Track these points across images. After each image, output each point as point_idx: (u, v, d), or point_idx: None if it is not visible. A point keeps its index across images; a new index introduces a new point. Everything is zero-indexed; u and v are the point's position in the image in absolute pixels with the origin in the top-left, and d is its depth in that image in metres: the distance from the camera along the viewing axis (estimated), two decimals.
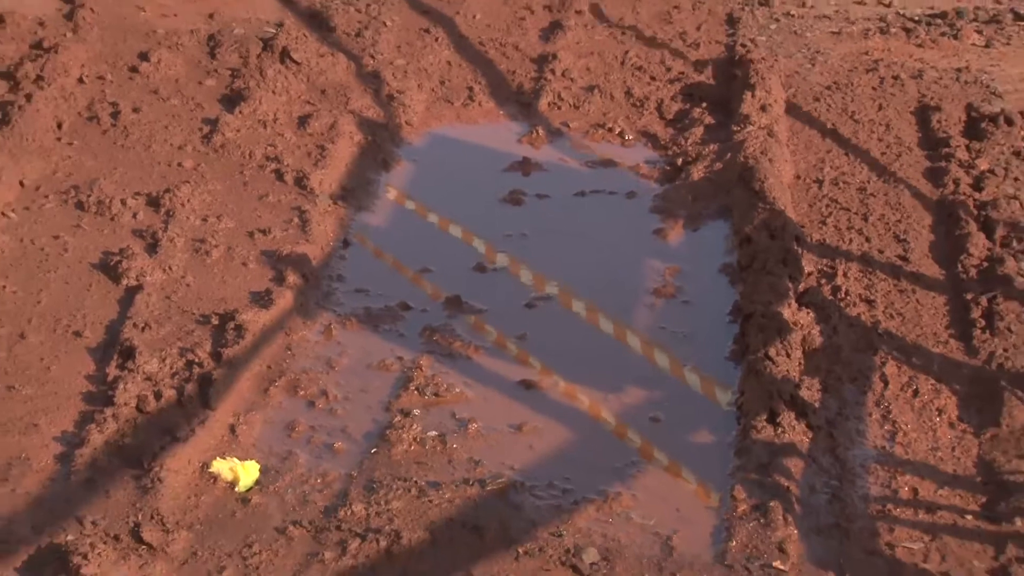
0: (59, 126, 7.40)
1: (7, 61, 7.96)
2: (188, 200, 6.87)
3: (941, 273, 6.75)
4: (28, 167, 6.98)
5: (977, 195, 7.25)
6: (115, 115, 7.53)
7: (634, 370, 6.22)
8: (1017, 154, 7.64)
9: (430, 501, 5.25)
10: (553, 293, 6.68)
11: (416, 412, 5.77)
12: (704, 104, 8.14)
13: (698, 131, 7.91)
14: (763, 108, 7.88)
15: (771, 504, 5.28)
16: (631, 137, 7.95)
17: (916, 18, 9.26)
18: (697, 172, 7.52)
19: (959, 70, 8.57)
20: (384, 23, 8.69)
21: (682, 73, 8.46)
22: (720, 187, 7.36)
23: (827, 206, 7.20)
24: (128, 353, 5.86)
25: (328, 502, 5.25)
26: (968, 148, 7.70)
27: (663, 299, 6.68)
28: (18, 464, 5.32)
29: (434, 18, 8.82)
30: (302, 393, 5.86)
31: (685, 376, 6.21)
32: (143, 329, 5.99)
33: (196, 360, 5.84)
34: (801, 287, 6.55)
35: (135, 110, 7.59)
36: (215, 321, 6.09)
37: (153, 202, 6.86)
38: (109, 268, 6.41)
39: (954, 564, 5.09)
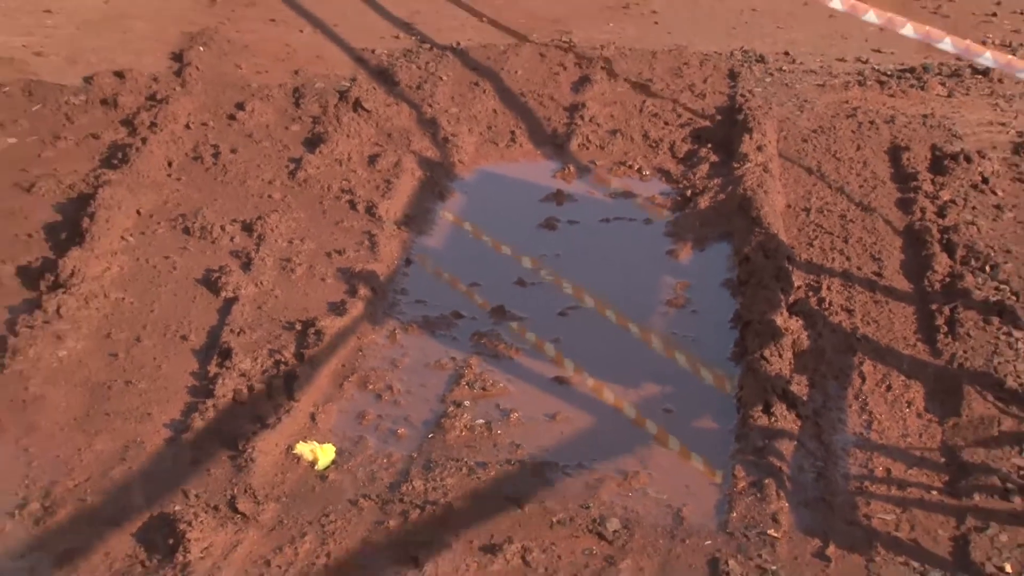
0: (169, 164, 7.46)
1: (127, 110, 8.02)
2: (276, 226, 6.92)
3: (910, 287, 6.74)
4: (143, 199, 7.04)
5: (940, 221, 7.23)
6: (216, 155, 7.59)
7: (650, 368, 6.23)
8: (974, 187, 7.63)
9: (478, 478, 5.29)
10: (582, 304, 6.69)
11: (466, 403, 5.80)
12: (709, 145, 8.14)
13: (704, 168, 7.90)
14: (759, 148, 7.88)
15: (766, 481, 5.30)
16: (648, 173, 7.96)
17: (889, 72, 9.24)
18: (703, 202, 7.53)
19: (925, 116, 8.55)
20: (440, 78, 8.72)
21: (691, 119, 8.45)
22: (723, 215, 7.37)
23: (813, 230, 7.19)
24: (226, 354, 5.92)
25: (392, 479, 5.29)
26: (933, 182, 7.67)
27: (675, 308, 6.69)
28: (134, 447, 5.38)
29: (482, 73, 8.85)
30: (371, 387, 5.89)
31: (693, 373, 6.22)
32: (238, 334, 6.05)
33: (282, 359, 5.89)
34: (791, 299, 6.54)
35: (232, 151, 7.64)
36: (298, 327, 6.14)
37: (247, 228, 6.91)
38: (210, 283, 6.47)
39: (921, 532, 5.09)
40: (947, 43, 7.79)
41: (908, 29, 7.92)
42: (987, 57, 7.73)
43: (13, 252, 6.60)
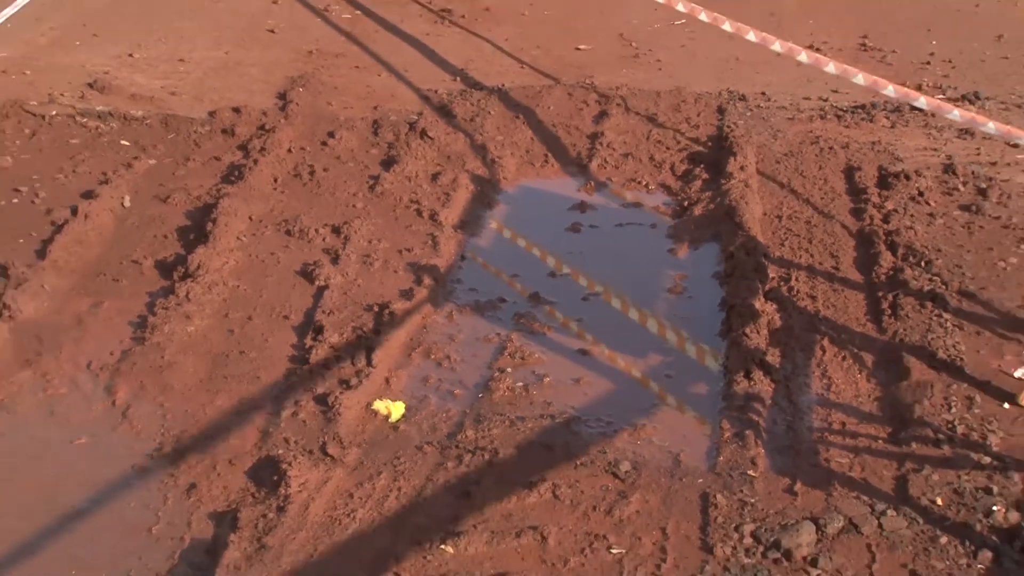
0: (275, 180, 7.46)
1: (242, 138, 8.04)
2: (359, 229, 6.90)
3: (861, 278, 6.69)
4: (254, 207, 7.04)
5: (885, 226, 7.18)
6: (311, 173, 7.58)
7: (655, 343, 6.20)
8: (912, 199, 7.58)
9: (518, 429, 5.27)
10: (600, 291, 6.66)
11: (509, 370, 5.78)
12: (702, 165, 8.09)
13: (698, 183, 7.86)
14: (741, 168, 7.83)
15: (746, 432, 5.28)
16: (653, 187, 7.91)
17: (844, 108, 9.19)
18: (697, 211, 7.49)
19: (873, 143, 8.50)
20: (488, 112, 8.69)
21: (687, 145, 8.40)
22: (713, 221, 7.33)
23: (784, 233, 7.15)
24: (319, 330, 5.92)
25: (450, 429, 5.29)
26: (879, 195, 7.62)
27: (674, 295, 6.66)
28: (247, 403, 5.40)
29: (522, 109, 8.82)
30: (433, 357, 5.88)
31: (689, 347, 6.19)
32: (328, 314, 6.05)
33: (363, 334, 5.88)
34: (767, 287, 6.50)
35: (324, 169, 7.64)
36: (376, 309, 6.13)
37: (336, 230, 6.90)
38: (306, 274, 6.47)
39: (870, 473, 5.07)
40: (890, 90, 7.77)
41: (859, 78, 7.90)
42: (921, 101, 7.73)
43: (153, 249, 6.63)
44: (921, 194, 7.69)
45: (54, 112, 8.12)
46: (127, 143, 7.84)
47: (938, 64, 10.32)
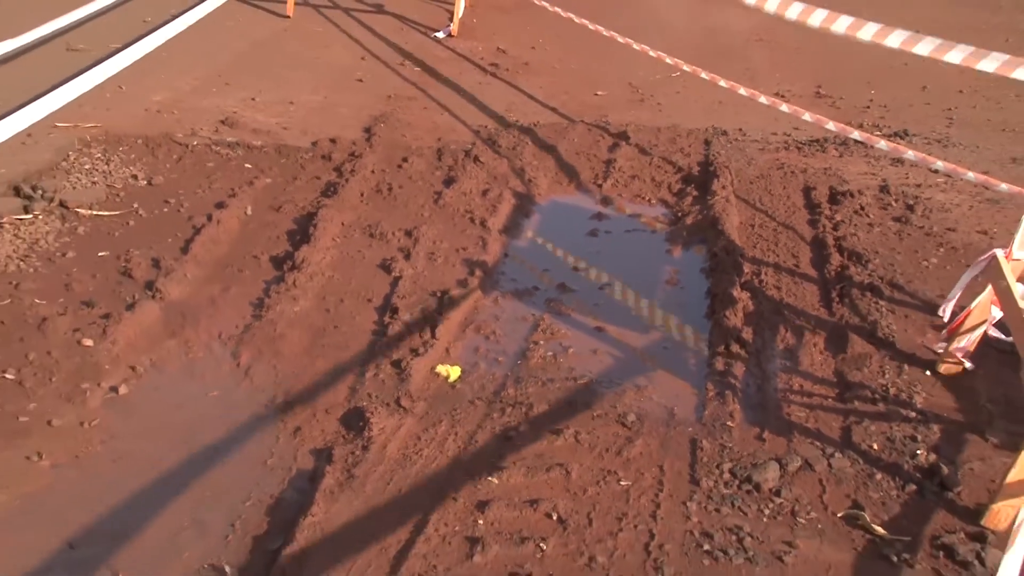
0: (361, 195, 7.45)
1: (336, 162, 8.05)
2: (425, 233, 6.88)
3: (815, 274, 6.65)
4: (345, 216, 7.03)
5: (835, 233, 7.14)
6: (389, 189, 7.57)
7: (655, 323, 6.15)
8: (856, 212, 7.55)
9: (548, 388, 5.24)
10: (613, 282, 6.61)
11: (542, 343, 5.74)
12: (692, 185, 8.04)
13: (689, 199, 7.81)
14: (723, 188, 7.79)
15: (726, 392, 5.25)
16: (654, 202, 7.86)
17: (803, 142, 9.15)
18: (688, 220, 7.44)
19: (826, 169, 8.44)
20: (526, 143, 8.66)
21: (681, 169, 8.35)
22: (701, 228, 7.29)
23: (756, 239, 7.11)
24: (394, 310, 5.90)
25: (495, 388, 5.25)
26: (830, 209, 7.60)
27: (670, 286, 6.62)
28: (339, 366, 5.39)
29: (552, 141, 8.79)
30: (482, 332, 5.85)
31: (681, 326, 6.14)
32: (402, 298, 6.04)
33: (428, 314, 5.86)
34: (742, 280, 6.47)
35: (399, 187, 7.63)
36: (438, 294, 6.11)
37: (408, 233, 6.88)
38: (385, 267, 6.45)
39: (822, 424, 5.04)
40: (831, 125, 7.88)
41: (807, 116, 8.03)
42: (855, 134, 7.90)
43: (268, 247, 6.64)
44: (862, 208, 7.66)
45: (195, 142, 8.15)
46: (249, 166, 7.86)
47: (876, 108, 10.29)
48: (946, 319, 6.00)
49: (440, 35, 11.90)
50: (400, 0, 13.20)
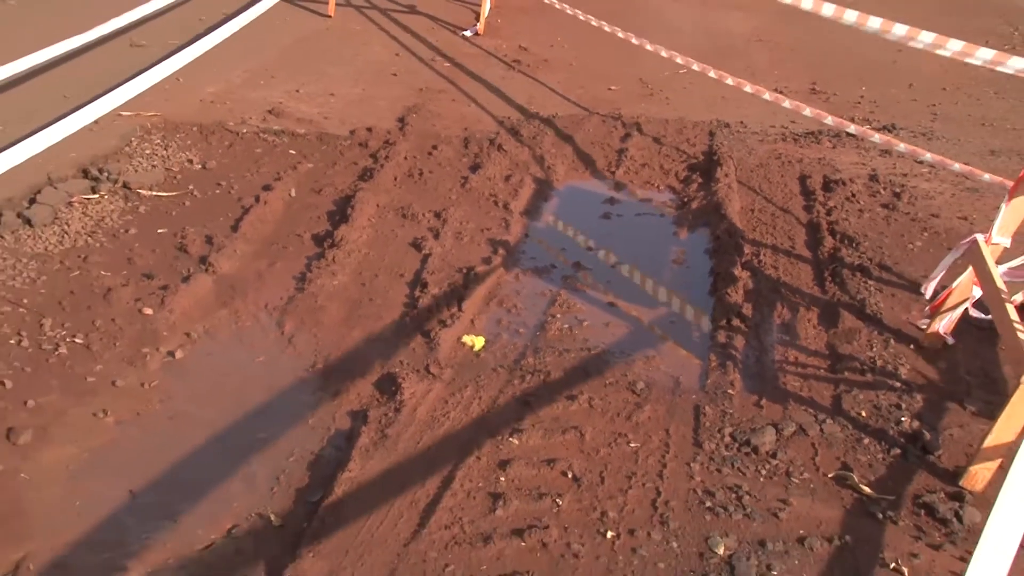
0: (395, 179, 7.39)
1: (372, 149, 7.98)
2: (453, 214, 6.82)
3: (810, 255, 6.57)
4: (380, 198, 6.98)
5: (828, 218, 7.05)
6: (420, 174, 7.51)
7: (663, 300, 6.09)
8: (847, 199, 7.44)
9: (564, 358, 5.20)
10: (624, 262, 6.54)
11: (558, 316, 5.69)
12: (697, 173, 7.94)
13: (695, 185, 7.72)
14: (726, 175, 7.69)
15: (727, 363, 5.20)
16: (662, 188, 7.77)
17: (799, 134, 9.02)
18: (694, 205, 7.35)
19: (820, 158, 8.32)
20: (545, 133, 8.56)
21: (687, 158, 8.25)
22: (705, 212, 7.21)
23: (756, 222, 7.02)
24: (424, 285, 5.86)
25: (516, 357, 5.21)
26: (824, 196, 7.50)
27: (678, 265, 6.55)
28: (374, 335, 5.36)
29: (569, 132, 8.69)
30: (504, 305, 5.80)
31: (687, 302, 6.08)
32: (431, 274, 5.99)
33: (456, 288, 5.82)
34: (743, 260, 6.40)
35: (430, 172, 7.56)
36: (465, 270, 6.06)
37: (437, 215, 6.83)
38: (416, 245, 6.40)
39: (815, 392, 4.98)
40: (829, 120, 7.74)
41: (808, 111, 7.86)
42: (851, 128, 7.72)
43: (310, 226, 6.60)
44: (853, 195, 7.55)
45: (245, 130, 8.11)
46: (293, 152, 7.82)
47: (866, 103, 10.15)
48: (928, 297, 5.96)
49: (468, 33, 11.80)
50: (431, 1, 13.08)
